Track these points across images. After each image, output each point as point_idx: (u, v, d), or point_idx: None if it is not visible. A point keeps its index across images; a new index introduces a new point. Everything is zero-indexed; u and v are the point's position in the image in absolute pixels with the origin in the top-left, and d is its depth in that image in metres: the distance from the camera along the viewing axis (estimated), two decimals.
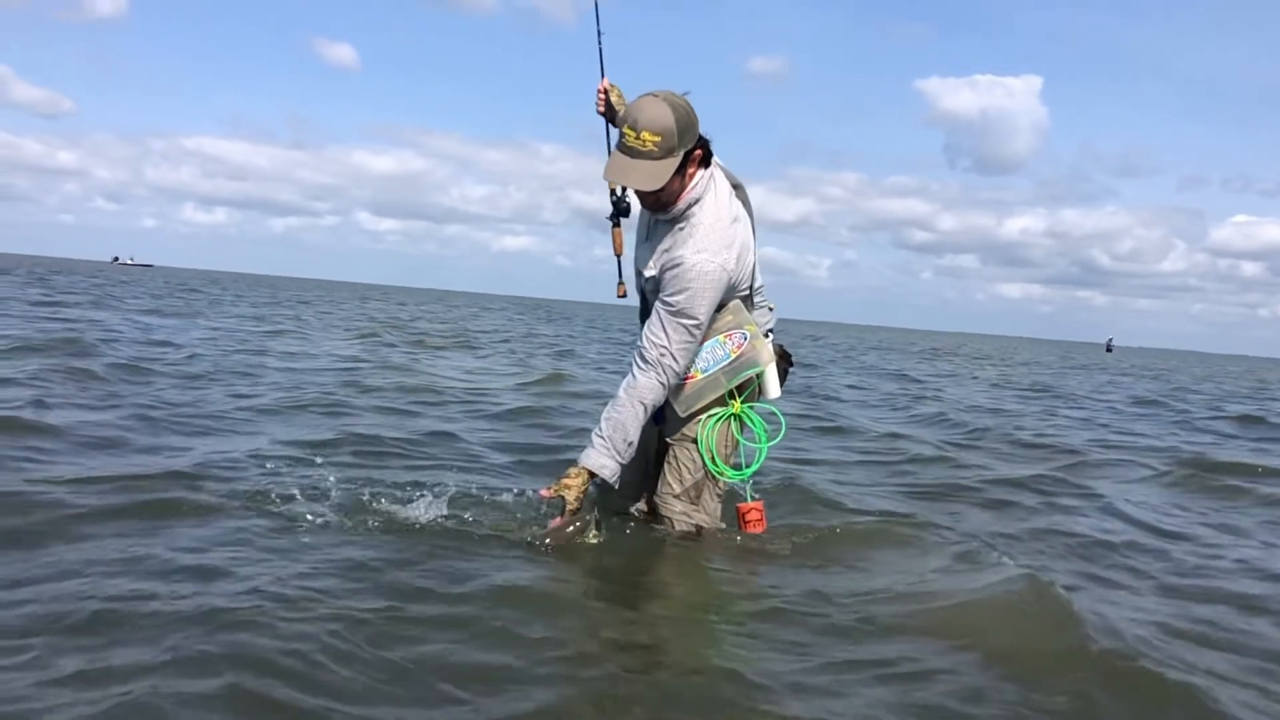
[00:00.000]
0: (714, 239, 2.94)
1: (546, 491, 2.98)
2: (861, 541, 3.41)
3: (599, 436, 2.98)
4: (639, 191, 2.95)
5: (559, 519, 2.97)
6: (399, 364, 9.54)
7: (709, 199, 2.98)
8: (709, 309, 2.96)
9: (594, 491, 3.08)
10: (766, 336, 3.22)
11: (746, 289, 3.13)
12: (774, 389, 3.19)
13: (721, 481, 3.19)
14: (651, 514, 3.29)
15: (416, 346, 13.01)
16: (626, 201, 3.29)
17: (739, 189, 3.15)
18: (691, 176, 2.96)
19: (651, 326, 2.99)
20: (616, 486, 3.05)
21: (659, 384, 2.98)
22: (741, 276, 3.04)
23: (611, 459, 2.96)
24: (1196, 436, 8.57)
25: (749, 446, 3.21)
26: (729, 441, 3.16)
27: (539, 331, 22.61)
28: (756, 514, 3.23)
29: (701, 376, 3.09)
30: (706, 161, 3.00)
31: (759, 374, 3.13)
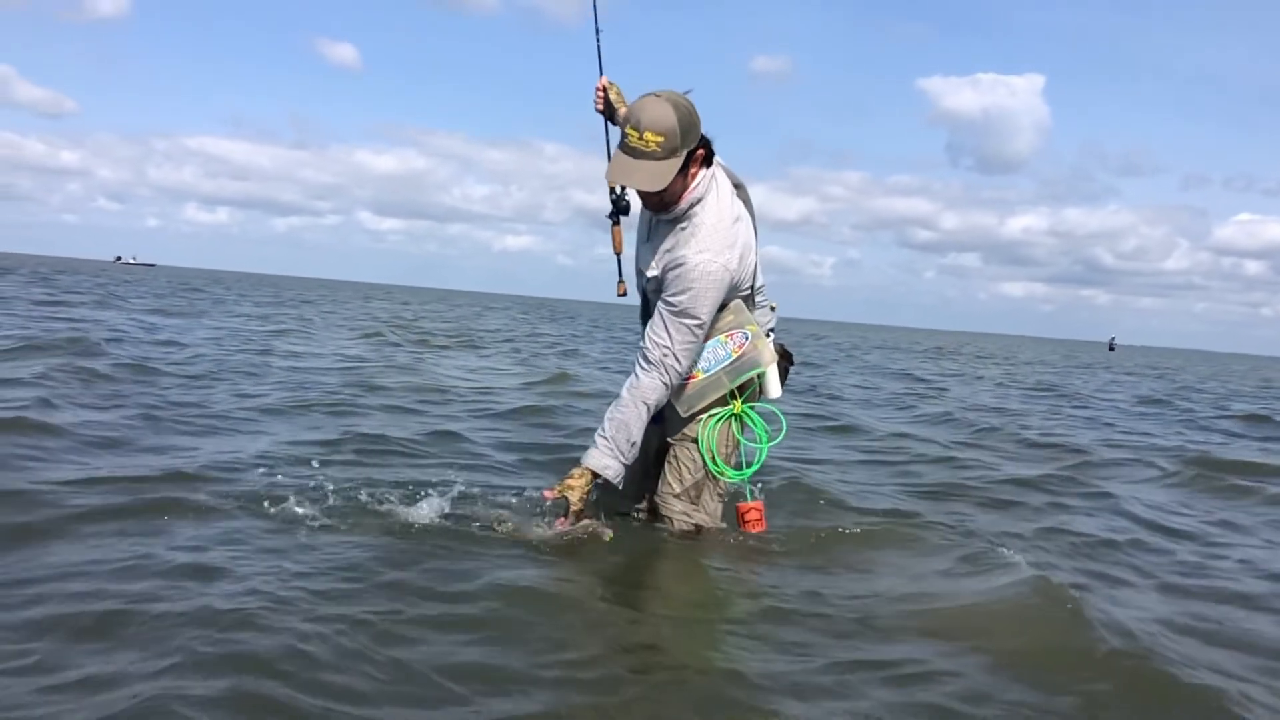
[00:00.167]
0: (716, 239, 2.93)
1: (550, 492, 2.98)
2: (866, 542, 3.40)
3: (602, 437, 2.98)
4: (641, 192, 2.94)
5: (562, 519, 2.96)
6: (404, 363, 9.54)
7: (711, 199, 2.97)
8: (712, 309, 2.96)
9: (596, 492, 3.07)
10: (768, 336, 3.21)
11: (748, 289, 3.12)
12: (775, 389, 3.18)
13: (722, 481, 3.19)
14: (652, 514, 3.28)
15: (421, 346, 13.01)
16: (626, 200, 3.28)
17: (740, 188, 3.14)
18: (694, 176, 2.95)
19: (654, 327, 2.99)
20: (620, 487, 3.04)
21: (662, 384, 2.98)
22: (743, 276, 3.04)
23: (615, 459, 2.96)
24: (1203, 435, 8.55)
25: (750, 446, 3.20)
26: (729, 441, 3.16)
27: (542, 331, 22.60)
28: (756, 514, 3.22)
29: (703, 376, 3.08)
30: (709, 161, 2.99)
31: (760, 374, 3.13)
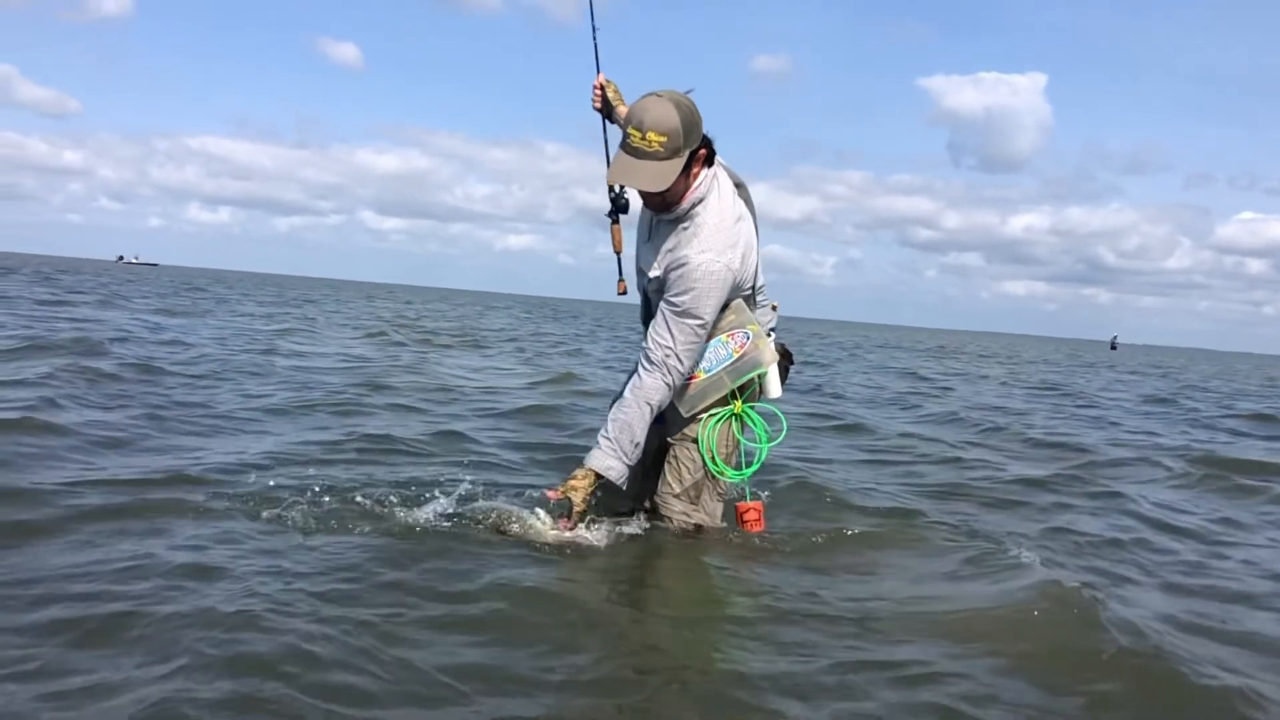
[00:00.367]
0: (719, 239, 2.92)
1: (553, 493, 2.98)
2: (871, 542, 3.39)
3: (605, 438, 2.98)
4: (643, 192, 2.93)
5: (565, 520, 2.95)
6: (408, 363, 9.54)
7: (713, 198, 2.96)
8: (714, 309, 2.95)
9: (599, 492, 3.06)
10: (768, 335, 3.20)
11: (749, 288, 3.11)
12: (775, 389, 3.17)
13: (722, 481, 3.18)
14: (652, 513, 3.27)
15: (425, 345, 13.01)
16: (625, 198, 3.28)
17: (741, 188, 3.13)
18: (695, 176, 2.94)
19: (656, 327, 2.98)
20: (624, 488, 3.04)
21: (665, 385, 2.97)
22: (745, 276, 3.03)
23: (618, 460, 2.95)
24: (1209, 435, 8.54)
25: (750, 446, 3.19)
26: (730, 441, 3.15)
27: (546, 330, 22.61)
28: (755, 514, 3.21)
29: (705, 376, 3.07)
30: (710, 161, 2.98)
31: (761, 374, 3.11)
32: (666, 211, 2.98)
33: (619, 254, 3.42)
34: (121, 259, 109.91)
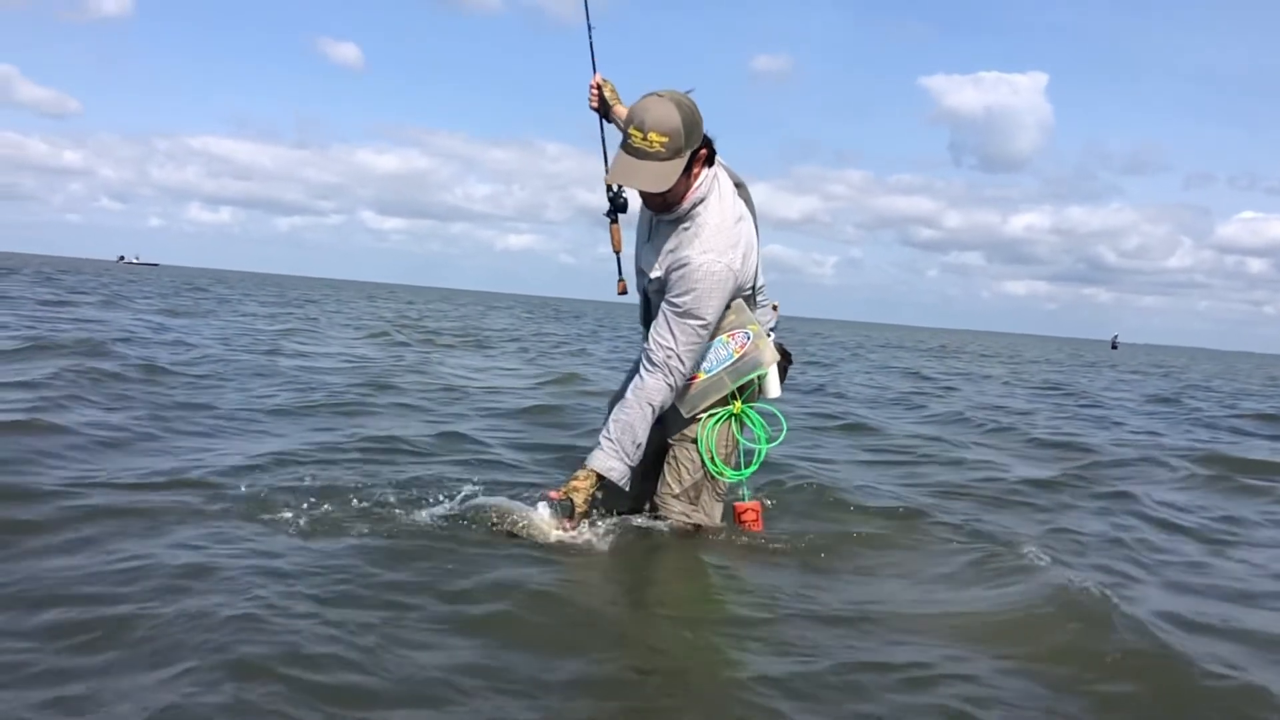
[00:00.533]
0: (720, 239, 2.92)
1: (555, 494, 2.97)
2: (876, 542, 3.39)
3: (607, 439, 2.97)
4: (644, 192, 2.92)
5: (567, 521, 2.95)
6: (412, 363, 9.54)
7: (713, 199, 2.96)
8: (717, 310, 2.94)
9: (600, 493, 3.05)
10: (769, 335, 3.20)
11: (750, 288, 3.11)
12: (774, 389, 3.16)
13: (721, 482, 3.17)
14: (652, 514, 3.27)
15: (428, 345, 13.02)
16: (624, 198, 3.28)
17: (741, 187, 3.12)
18: (696, 176, 2.93)
19: (658, 328, 2.97)
20: (626, 489, 3.03)
21: (667, 385, 2.96)
22: (746, 276, 3.03)
23: (620, 461, 2.94)
24: (1213, 434, 8.52)
25: (749, 446, 3.18)
26: (729, 441, 3.14)
27: (548, 330, 22.61)
28: (753, 514, 3.21)
29: (705, 377, 3.07)
30: (711, 160, 2.97)
31: (761, 374, 3.10)
32: (667, 212, 2.97)
33: (618, 254, 3.41)
34: (122, 259, 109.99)
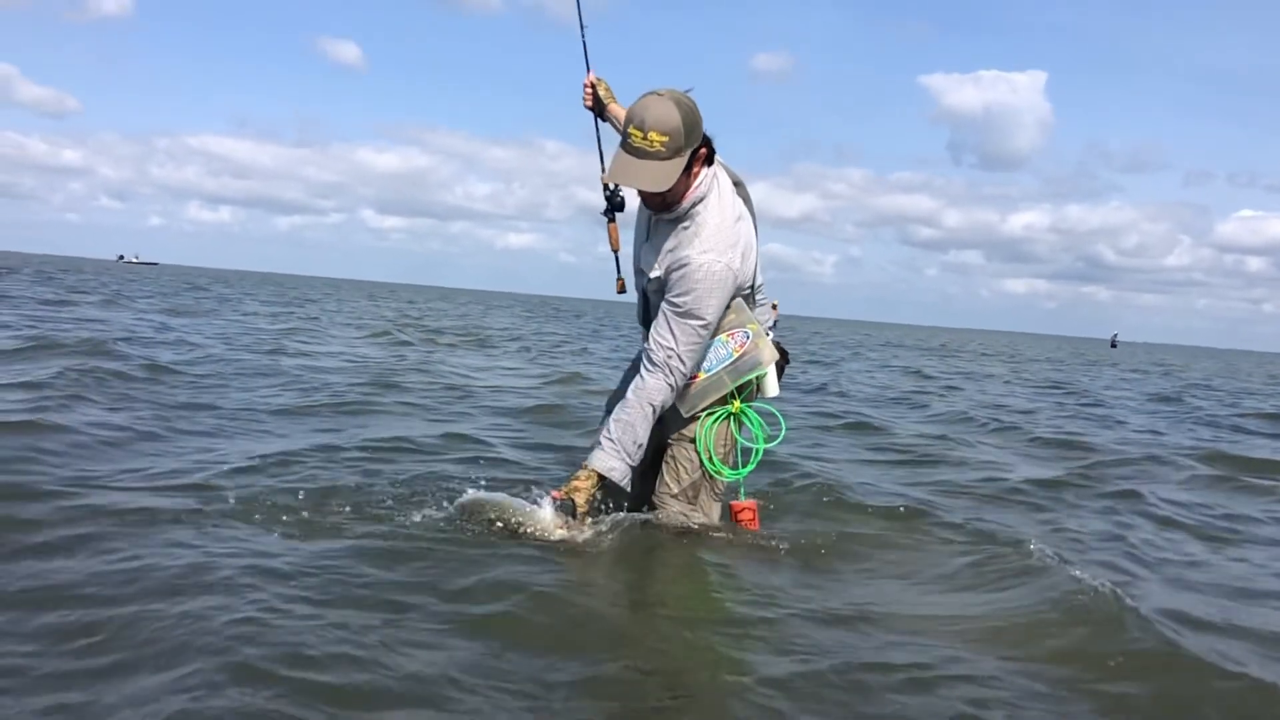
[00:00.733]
0: (720, 238, 2.91)
1: (557, 494, 2.96)
2: (880, 542, 3.38)
3: (608, 439, 2.96)
4: (643, 192, 2.90)
5: (569, 521, 2.94)
6: (415, 362, 9.55)
7: (713, 198, 2.95)
8: (717, 309, 2.93)
9: (601, 493, 3.04)
10: (767, 334, 3.19)
11: (749, 287, 3.10)
12: (773, 388, 3.15)
13: (720, 481, 3.16)
14: (651, 513, 3.25)
15: (430, 344, 13.02)
16: (621, 196, 3.26)
17: (739, 186, 3.11)
18: (696, 175, 2.92)
19: (658, 328, 2.96)
20: (628, 489, 3.02)
21: (668, 385, 2.95)
22: (746, 275, 3.02)
23: (621, 461, 2.93)
24: (1216, 433, 8.53)
25: (747, 445, 3.18)
26: (727, 440, 3.13)
27: (550, 329, 22.62)
28: (750, 513, 3.21)
29: (705, 376, 3.06)
30: (710, 160, 2.96)
31: (760, 374, 3.10)
32: (666, 211, 2.96)
33: (616, 252, 3.41)
34: (121, 258, 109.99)
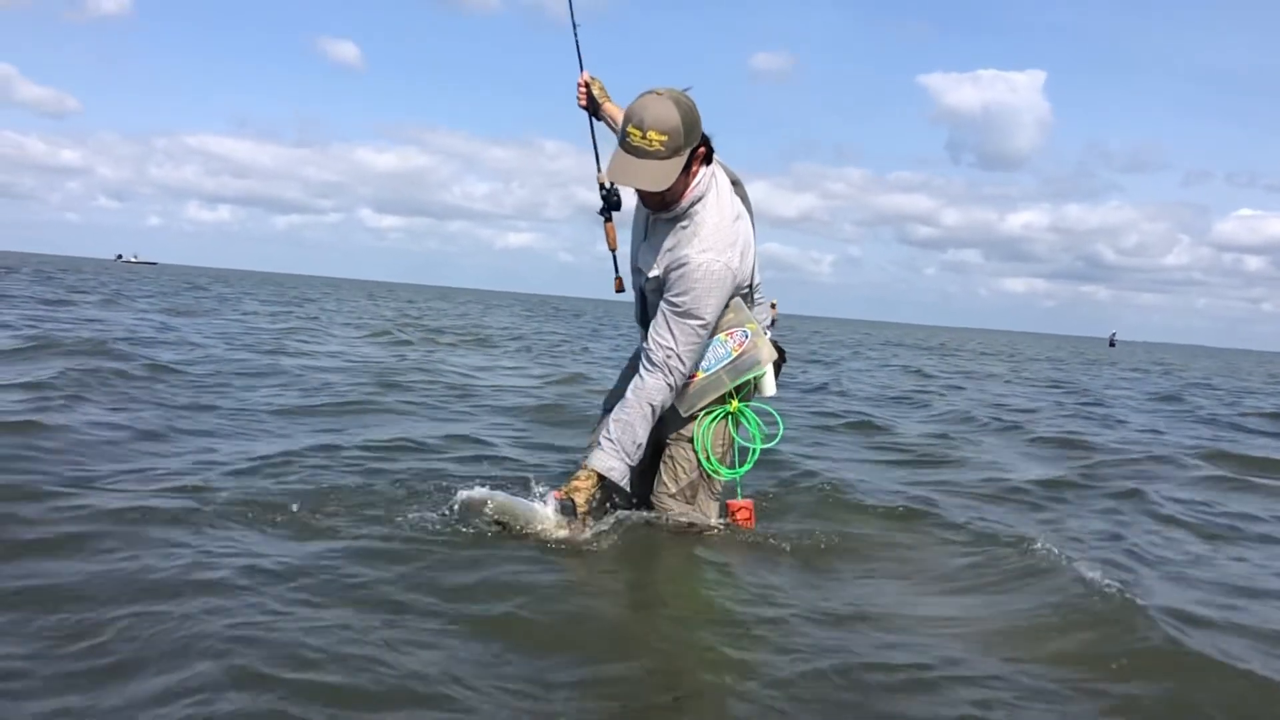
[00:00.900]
0: (719, 238, 2.90)
1: (556, 494, 2.96)
2: (882, 541, 3.38)
3: (607, 439, 2.96)
4: (641, 191, 2.90)
5: (569, 521, 2.93)
6: (416, 361, 9.54)
7: (712, 197, 2.94)
8: (716, 309, 2.93)
9: (601, 493, 3.04)
10: (765, 333, 3.18)
11: (747, 287, 3.10)
12: (770, 387, 3.15)
13: (717, 480, 3.16)
14: (648, 512, 3.25)
15: (431, 344, 13.01)
16: (617, 195, 3.26)
17: (738, 185, 3.11)
18: (694, 174, 2.91)
19: (657, 327, 2.96)
20: (627, 488, 3.02)
21: (667, 385, 2.95)
22: (744, 275, 3.01)
23: (620, 461, 2.93)
24: (1217, 432, 8.52)
25: (745, 445, 3.17)
26: (725, 440, 3.13)
27: (550, 328, 22.62)
28: (746, 513, 3.21)
29: (704, 375, 3.06)
30: (709, 159, 2.96)
31: (759, 374, 3.09)
32: (665, 210, 2.95)
33: (614, 251, 3.40)
34: (120, 258, 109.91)
